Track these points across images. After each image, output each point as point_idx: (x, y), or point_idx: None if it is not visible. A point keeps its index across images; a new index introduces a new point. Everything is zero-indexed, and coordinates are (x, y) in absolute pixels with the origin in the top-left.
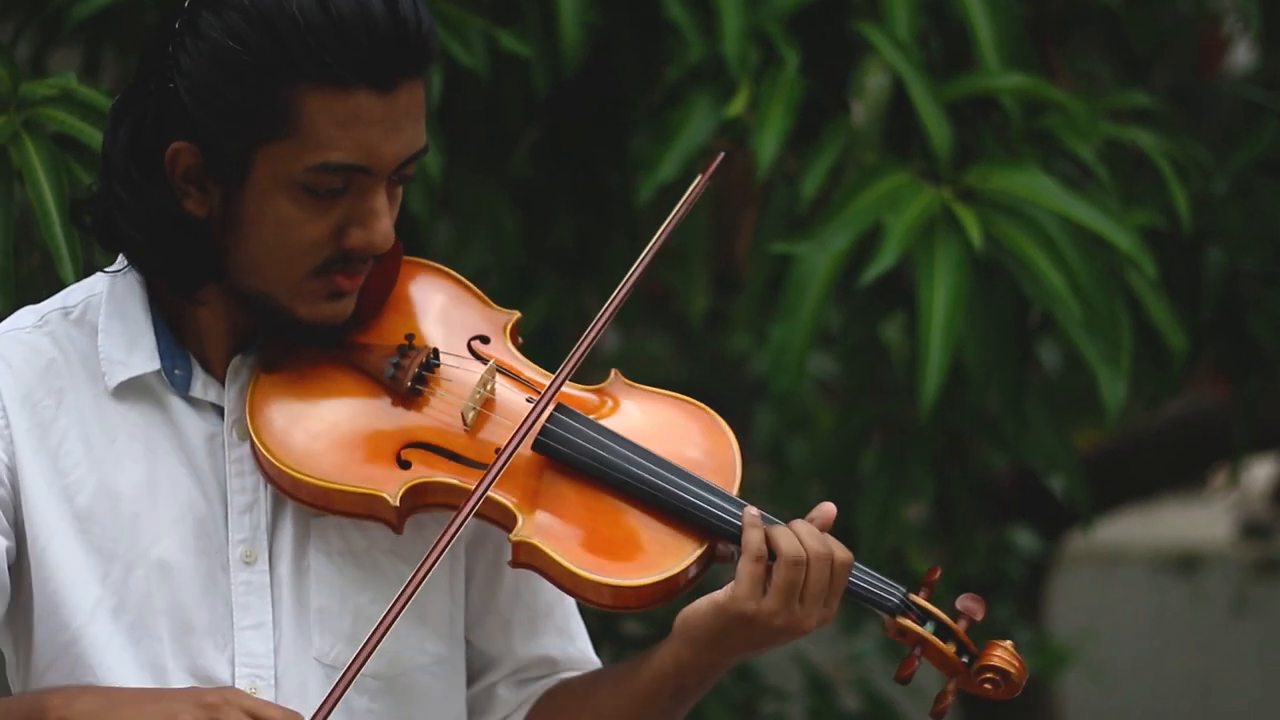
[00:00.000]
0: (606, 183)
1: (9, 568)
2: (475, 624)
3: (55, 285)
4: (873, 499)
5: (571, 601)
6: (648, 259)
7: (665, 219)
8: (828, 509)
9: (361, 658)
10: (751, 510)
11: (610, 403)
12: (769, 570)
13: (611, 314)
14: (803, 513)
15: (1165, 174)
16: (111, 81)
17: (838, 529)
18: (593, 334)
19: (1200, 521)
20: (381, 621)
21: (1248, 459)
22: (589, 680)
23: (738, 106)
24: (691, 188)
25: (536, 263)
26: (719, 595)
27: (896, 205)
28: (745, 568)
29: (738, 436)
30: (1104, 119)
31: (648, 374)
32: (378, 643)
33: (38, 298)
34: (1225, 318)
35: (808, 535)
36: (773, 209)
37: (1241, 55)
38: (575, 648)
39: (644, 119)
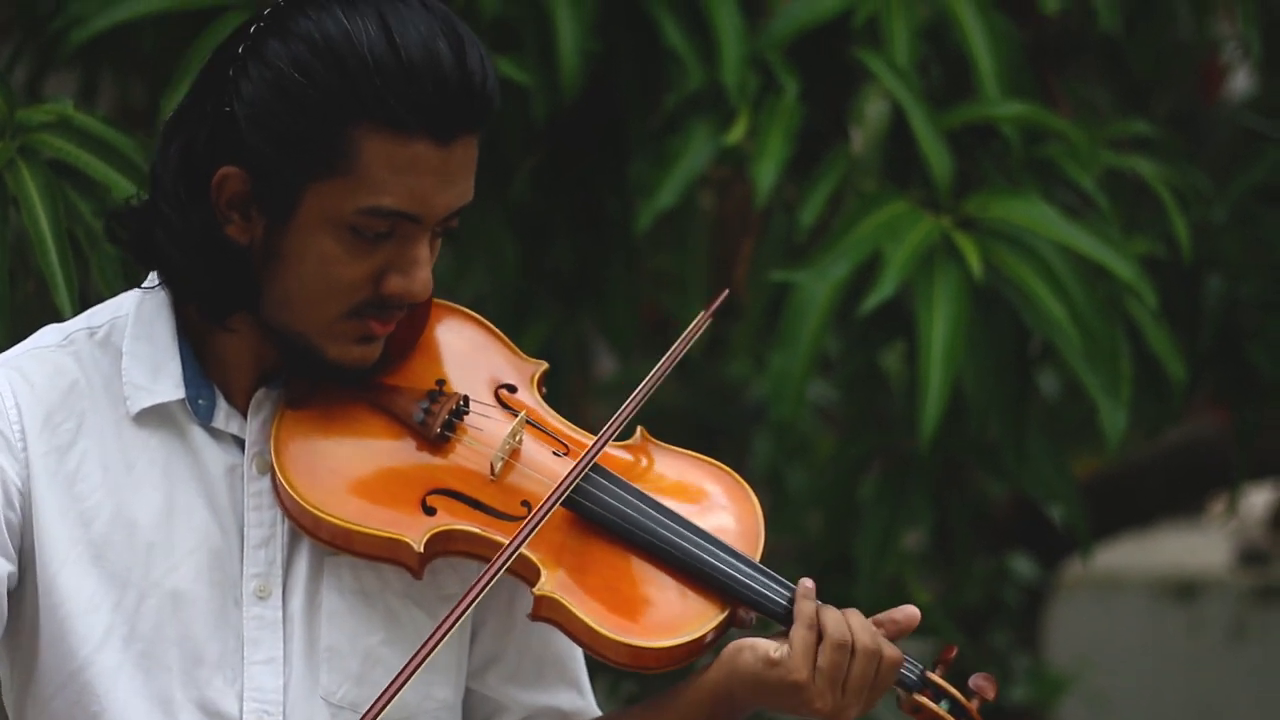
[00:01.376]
0: (605, 209)
1: (8, 593)
2: (483, 670)
3: (50, 312)
4: (872, 528)
5: (580, 654)
6: (650, 388)
7: (663, 247)
8: (912, 613)
9: (380, 705)
10: (806, 583)
11: (638, 461)
12: (819, 646)
13: (652, 388)
14: (801, 541)
15: (1166, 203)
16: (108, 106)
17: (836, 559)
18: (634, 403)
19: (1198, 548)
20: (402, 671)
21: (1246, 487)
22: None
23: (737, 134)
24: (695, 323)
25: (535, 289)
26: (774, 651)
27: (896, 234)
28: (799, 634)
29: (736, 464)
30: (1104, 147)
31: (647, 402)
32: (396, 692)
33: (33, 324)
34: (1224, 346)
35: (858, 626)
36: (772, 237)
37: (1241, 82)
38: (585, 701)
39: (643, 146)
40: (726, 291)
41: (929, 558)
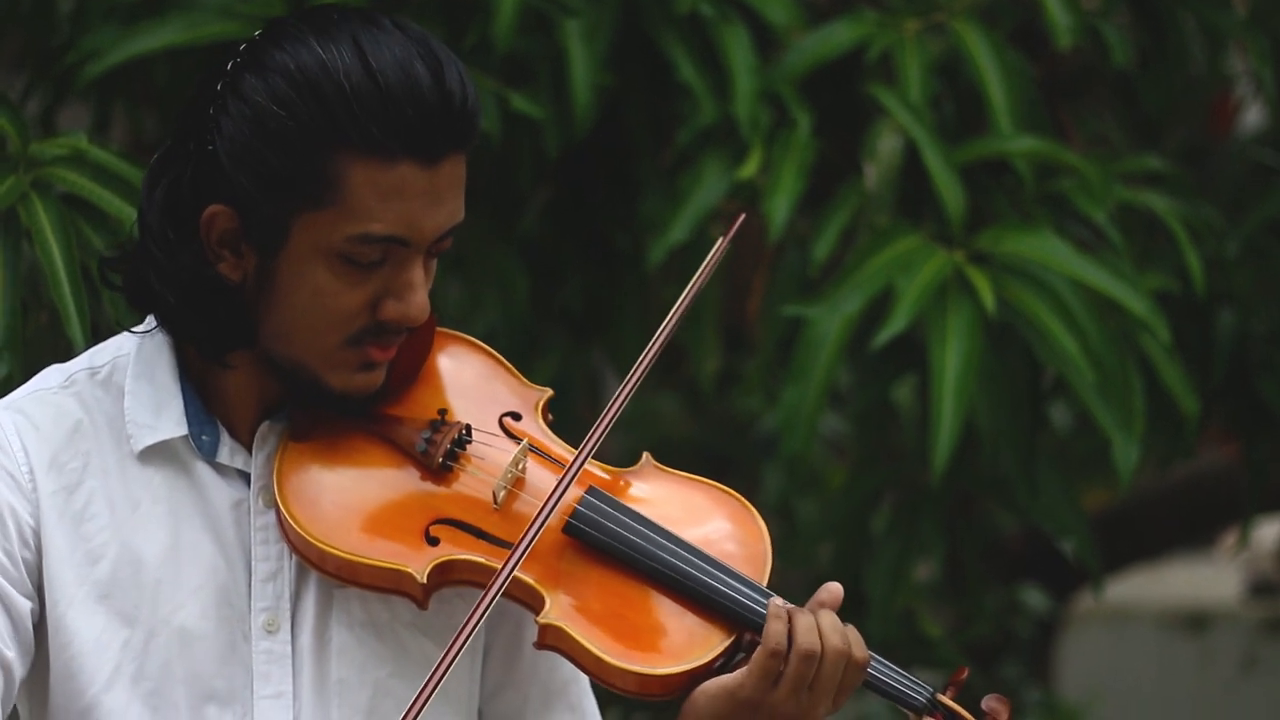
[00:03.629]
0: (617, 244)
1: (33, 628)
2: (492, 697)
3: (63, 344)
4: (883, 561)
5: (585, 679)
6: (673, 323)
7: (676, 282)
8: (835, 590)
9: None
10: (777, 601)
11: (642, 487)
12: (786, 659)
13: (636, 383)
14: (812, 574)
15: (1178, 237)
16: (121, 139)
17: (849, 592)
18: (618, 403)
19: (1209, 580)
20: (413, 706)
21: (1257, 519)
22: None
23: (750, 169)
24: (714, 249)
25: (546, 323)
26: (730, 681)
27: (909, 268)
28: (761, 661)
29: (747, 496)
30: (1116, 182)
31: (657, 433)
32: (422, 707)
33: (44, 357)
34: (1235, 379)
35: (829, 630)
36: (784, 271)
37: (1253, 116)
38: None
39: (655, 181)
40: (743, 216)
41: (940, 590)
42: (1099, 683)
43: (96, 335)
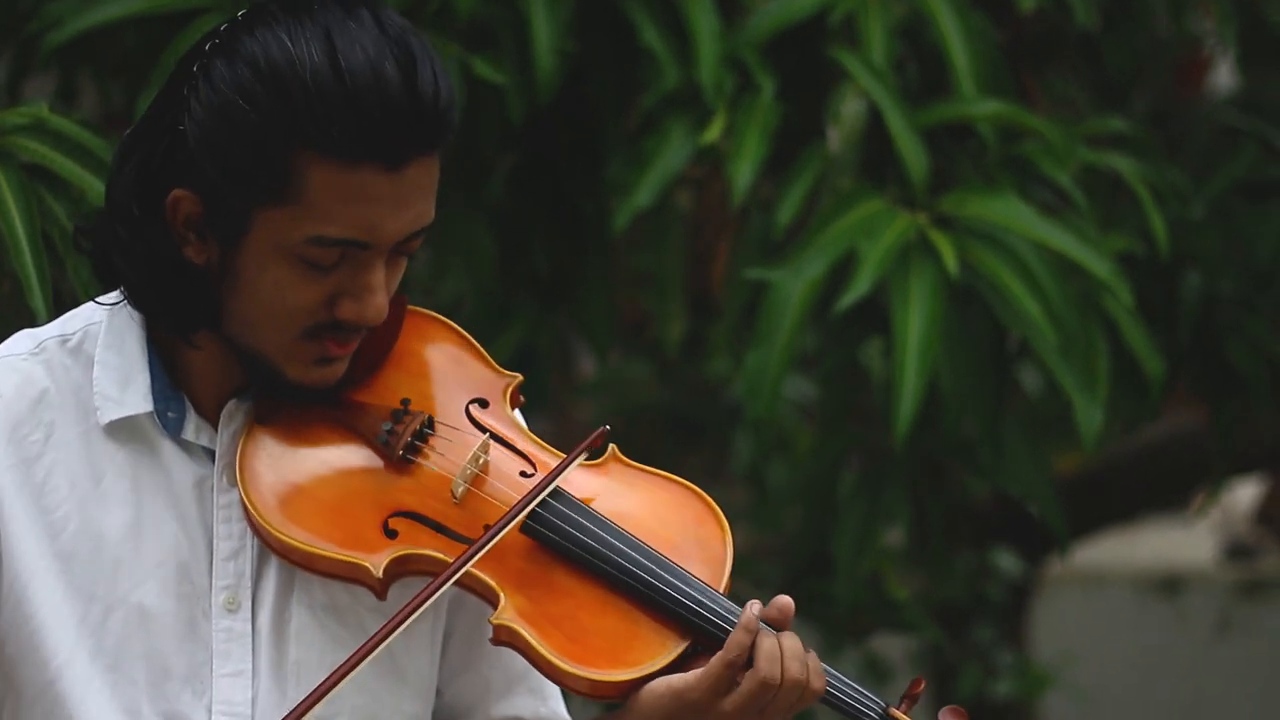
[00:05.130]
0: (582, 209)
1: None
2: (452, 680)
3: (25, 313)
4: (849, 524)
5: None
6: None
7: (640, 247)
8: (786, 604)
9: (315, 695)
10: (751, 613)
11: (604, 483)
12: (742, 674)
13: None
14: (782, 538)
15: (1143, 199)
16: (88, 108)
17: (817, 554)
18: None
19: (1184, 543)
20: (336, 670)
21: (1227, 482)
22: None
23: (713, 133)
24: (585, 443)
25: (513, 289)
26: (677, 682)
27: (872, 232)
28: (717, 669)
29: (717, 461)
30: (1081, 145)
31: (627, 401)
32: (329, 689)
33: (9, 326)
34: (1202, 342)
35: (791, 658)
36: (748, 235)
37: (1224, 77)
38: (547, 708)
39: (619, 146)
40: (605, 428)
41: (911, 554)
42: (1073, 646)
43: (59, 305)
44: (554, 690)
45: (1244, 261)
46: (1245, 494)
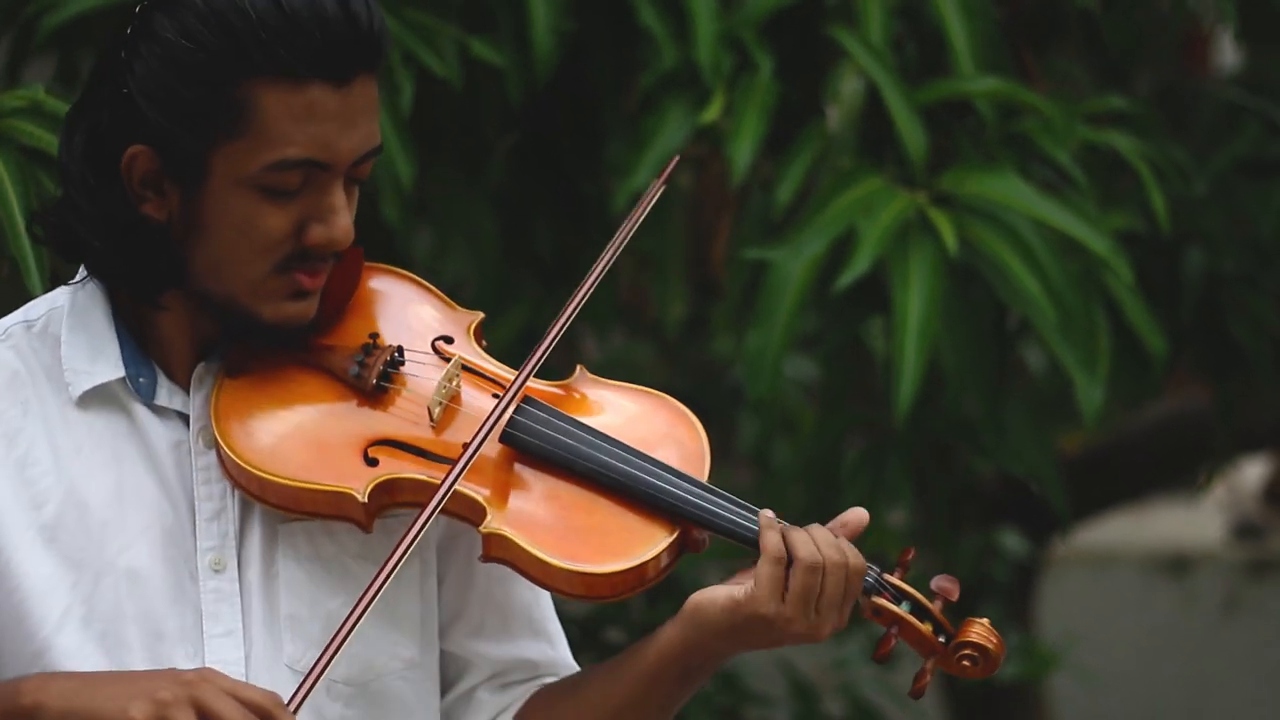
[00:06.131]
0: (582, 190)
1: None
2: (448, 628)
3: (23, 296)
4: (851, 503)
5: (548, 604)
6: (609, 260)
7: (640, 226)
8: (860, 515)
9: (327, 657)
10: (767, 513)
11: (577, 396)
12: (788, 573)
13: (574, 311)
14: (785, 518)
15: (1143, 176)
16: None
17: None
18: (557, 327)
19: (1191, 523)
20: (346, 620)
21: (1231, 460)
22: (574, 680)
23: (712, 113)
24: (649, 191)
25: (515, 270)
26: (737, 592)
27: (871, 210)
28: (765, 569)
29: (722, 441)
30: (1081, 123)
31: (630, 380)
32: (342, 642)
33: (5, 307)
34: (1205, 319)
35: (825, 542)
36: (748, 214)
37: (1229, 55)
38: (555, 651)
39: (618, 126)
40: (677, 159)
41: (914, 534)
42: (1079, 627)
43: (56, 286)
44: (559, 633)
45: (1247, 239)
46: (1253, 473)
